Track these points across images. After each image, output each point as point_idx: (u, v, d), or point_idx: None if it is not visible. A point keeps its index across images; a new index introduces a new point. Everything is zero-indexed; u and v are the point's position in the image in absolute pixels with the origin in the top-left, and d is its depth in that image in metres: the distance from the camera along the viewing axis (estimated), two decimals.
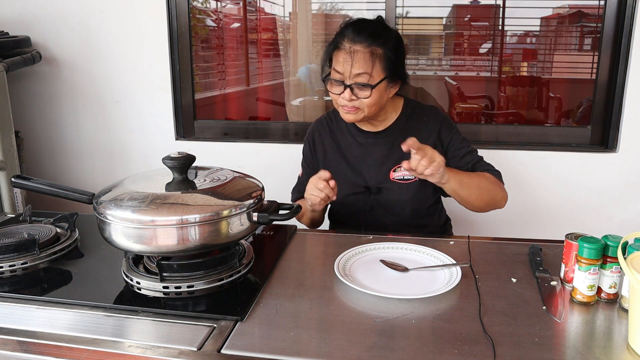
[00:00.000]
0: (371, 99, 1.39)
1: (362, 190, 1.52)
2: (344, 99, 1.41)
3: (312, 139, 1.62)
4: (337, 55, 1.40)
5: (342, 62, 1.39)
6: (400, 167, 1.49)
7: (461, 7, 2.59)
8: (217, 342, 0.87)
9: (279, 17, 2.79)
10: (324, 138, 1.60)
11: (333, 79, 1.42)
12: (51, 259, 1.20)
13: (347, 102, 1.40)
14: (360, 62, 1.37)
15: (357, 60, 1.37)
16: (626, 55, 2.03)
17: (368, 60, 1.37)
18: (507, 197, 1.49)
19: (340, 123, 1.59)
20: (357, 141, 1.56)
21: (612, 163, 2.11)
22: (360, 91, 1.39)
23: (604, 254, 1.00)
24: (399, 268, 1.14)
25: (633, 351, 0.85)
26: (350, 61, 1.37)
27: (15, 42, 2.22)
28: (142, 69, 2.36)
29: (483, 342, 0.87)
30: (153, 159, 2.26)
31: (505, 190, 1.49)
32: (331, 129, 1.60)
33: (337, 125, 1.60)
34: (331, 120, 1.62)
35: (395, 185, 1.50)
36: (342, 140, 1.58)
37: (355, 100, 1.40)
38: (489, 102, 2.69)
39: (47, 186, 1.16)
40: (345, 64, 1.38)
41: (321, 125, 1.62)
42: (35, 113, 2.49)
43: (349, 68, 1.37)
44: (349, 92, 1.39)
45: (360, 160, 1.55)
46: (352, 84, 1.38)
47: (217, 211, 1.01)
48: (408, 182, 1.50)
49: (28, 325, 0.95)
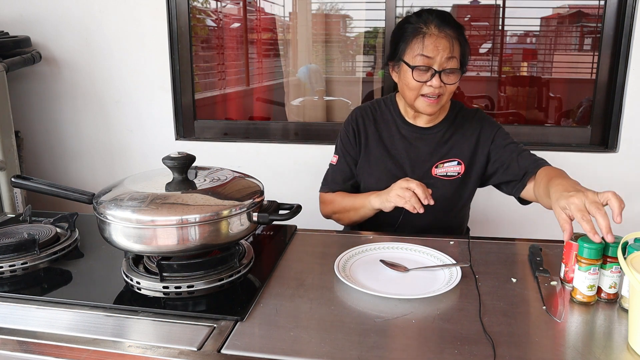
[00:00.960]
0: (454, 86, 1.41)
1: None
2: (431, 87, 1.39)
3: (356, 124, 1.56)
4: (424, 40, 1.37)
5: (432, 47, 1.37)
6: (442, 164, 1.48)
7: (461, 7, 2.58)
8: (217, 342, 0.87)
9: (279, 17, 2.79)
10: (367, 126, 1.56)
11: (421, 65, 1.38)
12: (51, 259, 1.20)
13: (434, 89, 1.39)
14: (451, 48, 1.37)
15: (449, 46, 1.37)
16: (626, 55, 2.03)
17: (456, 46, 1.39)
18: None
19: (385, 113, 1.57)
20: (401, 134, 1.54)
21: (612, 163, 2.11)
22: (447, 77, 1.39)
23: (604, 254, 1.00)
24: (399, 268, 1.14)
25: (633, 351, 0.85)
26: (441, 46, 1.36)
27: (15, 42, 2.22)
28: (142, 69, 2.36)
29: (483, 342, 0.87)
30: (153, 159, 2.27)
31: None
32: (375, 117, 1.57)
33: (381, 115, 1.57)
34: (375, 109, 1.58)
35: (438, 181, 1.49)
36: (386, 130, 1.55)
37: (441, 87, 1.39)
38: (489, 102, 2.69)
39: (47, 186, 1.16)
40: (436, 49, 1.36)
41: (365, 113, 1.58)
42: (35, 113, 2.49)
43: (440, 53, 1.36)
44: (437, 79, 1.38)
45: (403, 153, 1.52)
46: (442, 70, 1.38)
47: (217, 211, 1.01)
48: (451, 178, 1.50)
49: (28, 325, 0.95)
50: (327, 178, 1.61)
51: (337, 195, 1.56)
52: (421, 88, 1.40)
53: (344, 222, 1.57)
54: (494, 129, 1.52)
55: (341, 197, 1.55)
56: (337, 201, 1.55)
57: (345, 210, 1.52)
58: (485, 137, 1.51)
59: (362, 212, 1.47)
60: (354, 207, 1.49)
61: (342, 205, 1.53)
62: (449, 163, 1.50)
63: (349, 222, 1.56)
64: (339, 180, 1.57)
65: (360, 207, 1.46)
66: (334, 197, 1.56)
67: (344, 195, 1.55)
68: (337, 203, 1.55)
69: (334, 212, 1.56)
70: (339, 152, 1.59)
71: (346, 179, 1.58)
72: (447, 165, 1.49)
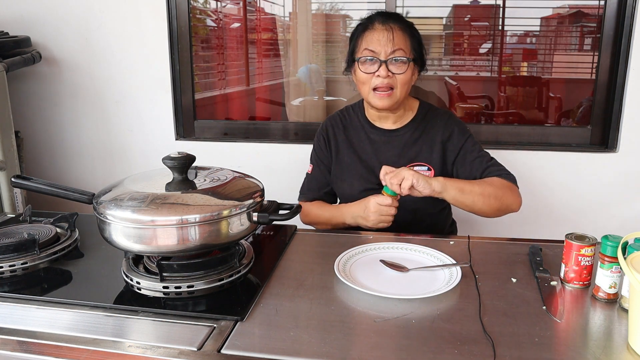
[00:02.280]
0: (405, 75, 1.42)
1: (375, 186, 1.51)
2: (379, 77, 1.41)
3: (326, 133, 1.62)
4: (370, 34, 1.43)
5: (376, 39, 1.41)
6: (412, 167, 1.50)
7: (461, 7, 2.58)
8: (217, 342, 0.87)
9: (279, 17, 2.79)
10: (337, 134, 1.60)
11: (366, 57, 1.43)
12: (51, 259, 1.20)
13: (382, 79, 1.41)
14: (396, 39, 1.41)
15: (394, 37, 1.40)
16: (626, 55, 2.03)
17: (402, 37, 1.42)
18: (520, 201, 1.45)
19: (354, 120, 1.60)
20: (370, 138, 1.56)
21: (612, 163, 2.11)
22: (395, 67, 1.41)
23: (604, 254, 1.00)
24: (399, 268, 1.14)
25: (633, 351, 0.85)
26: (385, 38, 1.40)
27: (15, 42, 2.22)
28: (142, 69, 2.35)
29: (483, 342, 0.87)
30: (153, 159, 2.26)
31: (519, 194, 1.46)
32: (344, 125, 1.61)
33: (350, 121, 1.61)
34: (344, 117, 1.62)
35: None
36: (355, 136, 1.58)
37: (390, 77, 1.41)
38: (488, 102, 2.69)
39: (47, 186, 1.16)
40: (380, 41, 1.41)
41: (334, 121, 1.63)
42: (35, 113, 2.49)
43: (384, 43, 1.40)
44: (384, 69, 1.40)
45: (372, 157, 1.55)
46: (388, 59, 1.40)
47: (217, 211, 1.01)
48: None
49: (28, 325, 0.95)
50: (303, 187, 1.66)
51: (314, 206, 1.59)
52: (371, 81, 1.43)
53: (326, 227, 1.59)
54: (461, 139, 1.52)
55: (318, 208, 1.58)
56: (314, 213, 1.58)
57: (322, 223, 1.56)
58: (452, 147, 1.52)
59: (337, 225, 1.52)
60: (330, 222, 1.53)
61: (319, 219, 1.57)
62: (419, 167, 1.52)
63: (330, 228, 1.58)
64: (314, 188, 1.62)
65: (336, 223, 1.51)
66: (310, 208, 1.59)
67: (321, 206, 1.59)
68: (314, 215, 1.58)
69: (311, 222, 1.60)
70: (313, 161, 1.65)
71: (321, 187, 1.62)
72: (417, 170, 1.50)
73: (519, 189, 1.48)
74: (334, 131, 1.61)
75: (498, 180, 1.45)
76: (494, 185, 1.42)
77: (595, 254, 1.04)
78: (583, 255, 1.05)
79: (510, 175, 1.49)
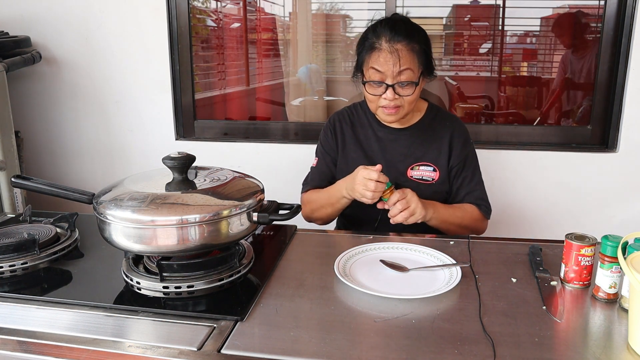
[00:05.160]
0: (413, 96, 1.41)
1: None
2: (386, 100, 1.40)
3: (334, 126, 1.61)
4: (376, 55, 1.39)
5: (383, 62, 1.38)
6: (418, 166, 1.50)
7: (461, 7, 2.59)
8: (217, 342, 0.87)
9: (279, 17, 2.79)
10: (344, 128, 1.60)
11: (373, 80, 1.41)
12: (51, 259, 1.20)
13: (389, 102, 1.40)
14: (402, 60, 1.37)
15: (400, 58, 1.37)
16: (626, 55, 2.03)
17: (409, 58, 1.39)
18: (485, 228, 1.55)
19: (362, 116, 1.60)
20: (377, 135, 1.56)
21: (612, 163, 2.11)
22: (402, 89, 1.40)
23: (603, 254, 1.00)
24: (399, 268, 1.14)
25: (633, 351, 0.85)
26: (392, 60, 1.37)
27: (15, 42, 2.22)
28: (142, 69, 2.35)
29: (483, 342, 0.87)
30: (153, 159, 2.26)
31: (486, 225, 1.55)
32: (352, 120, 1.61)
33: (358, 118, 1.61)
34: (352, 113, 1.62)
35: (413, 184, 1.50)
36: (362, 133, 1.58)
37: (397, 99, 1.40)
38: (488, 102, 2.69)
39: (47, 186, 1.16)
40: (386, 64, 1.38)
41: (342, 116, 1.62)
42: (35, 113, 2.49)
43: (391, 67, 1.37)
44: (391, 92, 1.39)
45: (379, 154, 1.55)
46: (395, 83, 1.39)
47: (217, 211, 1.01)
48: (426, 182, 1.51)
49: (28, 325, 0.95)
50: (307, 179, 1.65)
51: (313, 193, 1.59)
52: (379, 100, 1.43)
53: (323, 219, 1.57)
54: (466, 149, 1.55)
55: (316, 192, 1.58)
56: (314, 198, 1.57)
57: (323, 205, 1.53)
58: (457, 153, 1.53)
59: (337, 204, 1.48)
60: (330, 201, 1.50)
61: (319, 201, 1.55)
62: (425, 167, 1.52)
63: (327, 217, 1.56)
64: (317, 179, 1.61)
65: (336, 200, 1.48)
66: (310, 196, 1.59)
67: (319, 190, 1.58)
68: (314, 200, 1.57)
69: (313, 210, 1.57)
70: (319, 154, 1.64)
71: (324, 179, 1.61)
72: (423, 169, 1.51)
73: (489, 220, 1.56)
74: (342, 125, 1.61)
75: (474, 210, 1.51)
76: (469, 217, 1.50)
77: (595, 254, 1.05)
78: (583, 255, 1.05)
79: (486, 206, 1.54)
